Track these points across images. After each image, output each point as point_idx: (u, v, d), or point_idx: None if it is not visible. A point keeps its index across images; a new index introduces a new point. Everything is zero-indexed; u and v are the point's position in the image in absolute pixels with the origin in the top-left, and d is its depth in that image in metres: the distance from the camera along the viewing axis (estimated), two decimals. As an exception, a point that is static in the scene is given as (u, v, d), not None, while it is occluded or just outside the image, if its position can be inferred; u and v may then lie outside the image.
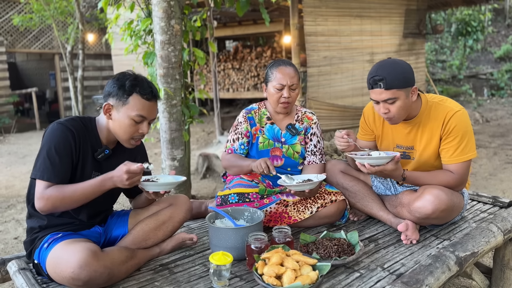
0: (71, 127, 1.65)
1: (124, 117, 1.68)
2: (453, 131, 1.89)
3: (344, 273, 1.64)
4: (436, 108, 1.95)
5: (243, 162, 2.20)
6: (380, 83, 1.82)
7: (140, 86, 1.68)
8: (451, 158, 1.92)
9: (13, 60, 14.17)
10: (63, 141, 1.62)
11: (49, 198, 1.55)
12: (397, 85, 1.81)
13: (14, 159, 6.83)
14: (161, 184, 1.69)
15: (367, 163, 1.83)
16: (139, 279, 1.66)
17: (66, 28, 10.06)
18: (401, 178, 1.90)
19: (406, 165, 2.08)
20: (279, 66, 2.21)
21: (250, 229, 1.75)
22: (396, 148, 2.10)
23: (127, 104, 1.67)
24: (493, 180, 4.49)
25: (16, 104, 11.09)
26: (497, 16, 15.62)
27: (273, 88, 2.20)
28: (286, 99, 2.19)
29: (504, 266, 2.06)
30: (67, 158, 1.62)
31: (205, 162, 5.20)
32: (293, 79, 2.19)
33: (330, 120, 5.70)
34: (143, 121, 1.71)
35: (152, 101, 1.71)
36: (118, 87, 1.67)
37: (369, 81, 1.88)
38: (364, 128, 2.22)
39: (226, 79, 9.65)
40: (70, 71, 9.04)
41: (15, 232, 3.53)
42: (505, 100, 11.19)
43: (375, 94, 1.87)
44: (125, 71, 1.75)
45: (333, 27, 5.59)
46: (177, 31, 3.17)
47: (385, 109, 1.87)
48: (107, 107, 1.69)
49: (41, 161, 1.60)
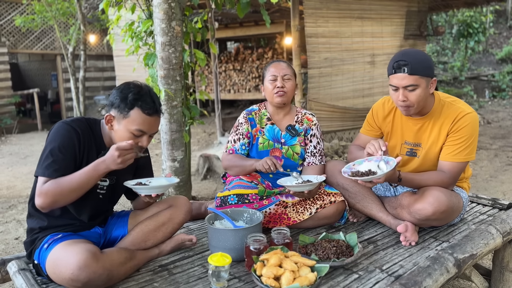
0: (77, 128, 1.66)
1: (124, 130, 1.67)
2: (461, 131, 1.91)
3: (342, 274, 1.65)
4: (449, 107, 1.97)
5: (246, 162, 2.21)
6: (404, 68, 1.83)
7: (142, 100, 1.66)
8: (450, 155, 1.93)
9: (15, 61, 14.21)
10: (68, 140, 1.63)
11: (47, 192, 1.56)
12: (421, 72, 1.83)
13: (16, 160, 6.85)
14: (152, 187, 1.71)
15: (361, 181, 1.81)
16: (138, 280, 1.66)
17: (68, 29, 10.10)
18: (397, 180, 1.90)
19: (410, 163, 2.09)
20: (272, 62, 2.35)
21: (249, 230, 1.76)
22: (403, 145, 2.11)
23: (128, 118, 1.66)
24: (493, 182, 4.48)
25: (18, 104, 11.12)
26: (498, 17, 15.61)
27: (268, 81, 2.28)
28: (280, 88, 2.24)
29: (504, 268, 2.06)
30: (70, 157, 1.63)
31: (205, 163, 5.20)
32: (286, 70, 2.29)
33: (331, 121, 5.70)
34: (143, 135, 1.70)
35: (154, 116, 1.69)
36: (120, 99, 1.66)
37: (392, 66, 1.88)
38: (371, 123, 2.24)
39: (227, 80, 9.66)
40: (72, 72, 9.06)
41: (16, 232, 3.54)
42: (507, 102, 11.17)
43: (397, 79, 1.86)
44: (130, 82, 1.73)
45: (334, 29, 5.60)
46: (178, 32, 3.18)
47: (403, 96, 1.87)
48: (109, 117, 1.69)
49: (44, 158, 1.61)
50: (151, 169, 2.00)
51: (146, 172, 1.96)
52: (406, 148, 2.11)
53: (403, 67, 1.83)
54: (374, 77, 6.10)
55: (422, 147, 2.05)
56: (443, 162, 1.96)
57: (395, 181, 1.90)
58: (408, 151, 2.09)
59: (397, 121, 2.12)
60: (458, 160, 1.92)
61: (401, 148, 2.14)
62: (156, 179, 1.85)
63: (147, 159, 1.97)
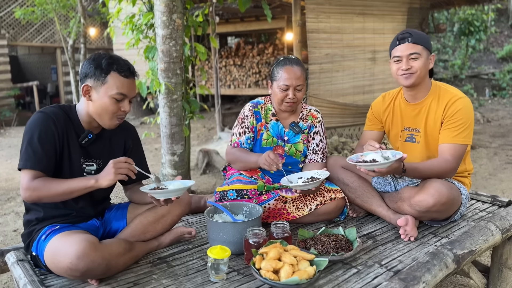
0: (52, 115, 1.64)
1: (105, 97, 1.65)
2: (456, 114, 1.97)
3: (341, 269, 1.64)
4: (443, 92, 2.05)
5: (250, 158, 2.17)
6: (408, 38, 1.99)
7: (117, 64, 1.66)
8: (448, 137, 1.97)
9: (14, 53, 14.16)
10: (45, 129, 1.61)
11: (35, 189, 1.55)
12: (423, 43, 1.99)
13: (15, 152, 6.83)
14: (172, 191, 1.65)
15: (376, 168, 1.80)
16: (137, 271, 1.66)
17: (68, 22, 10.04)
18: (401, 171, 1.89)
19: (412, 149, 2.12)
20: (286, 65, 2.14)
21: (248, 224, 1.75)
22: (403, 131, 2.17)
23: (106, 83, 1.64)
24: (493, 180, 4.48)
25: (17, 97, 11.09)
26: (500, 16, 15.57)
27: (278, 88, 2.15)
28: (291, 99, 2.15)
29: (502, 265, 2.06)
30: (49, 146, 1.61)
31: (205, 158, 5.20)
32: (299, 79, 2.13)
33: (331, 117, 5.69)
34: (124, 99, 1.68)
35: (131, 78, 1.69)
36: (95, 67, 1.64)
37: (396, 38, 2.03)
38: (372, 120, 2.30)
39: (228, 75, 9.64)
40: (72, 65, 9.03)
41: (15, 224, 3.54)
42: (507, 101, 11.17)
43: (400, 49, 2.00)
44: (99, 52, 1.73)
45: (336, 25, 5.57)
46: (179, 25, 3.17)
47: (407, 65, 1.99)
48: (86, 88, 1.66)
49: (23, 150, 1.60)
50: (141, 151, 1.95)
51: (136, 154, 1.90)
52: (406, 134, 2.16)
53: (407, 37, 1.99)
54: (374, 73, 6.08)
55: (421, 132, 2.09)
56: (442, 145, 2.00)
57: (399, 172, 1.89)
58: (408, 136, 2.14)
59: (397, 109, 2.18)
60: (457, 142, 1.96)
61: (400, 135, 2.18)
62: (171, 183, 1.77)
63: (136, 141, 1.93)
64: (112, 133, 1.81)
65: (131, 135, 1.91)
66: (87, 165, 1.74)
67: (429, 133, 2.06)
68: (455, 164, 1.97)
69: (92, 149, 1.76)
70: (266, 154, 2.02)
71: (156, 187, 1.69)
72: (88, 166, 1.75)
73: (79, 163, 1.71)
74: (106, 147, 1.81)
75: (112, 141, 1.83)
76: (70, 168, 1.69)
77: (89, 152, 1.75)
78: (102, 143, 1.79)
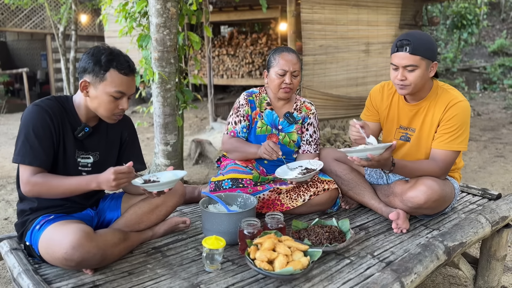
0: (48, 108, 1.62)
1: (103, 94, 1.63)
2: (452, 119, 1.92)
3: (334, 259, 1.67)
4: (443, 94, 1.98)
5: (248, 148, 2.20)
6: (406, 47, 1.85)
7: (117, 60, 1.62)
8: (442, 143, 1.94)
9: (3, 39, 13.90)
10: (41, 122, 1.59)
11: (35, 184, 1.55)
12: (422, 53, 1.85)
13: (4, 140, 6.75)
14: (164, 183, 1.64)
15: (356, 156, 1.78)
16: (131, 261, 1.67)
17: (59, 8, 9.87)
18: (390, 165, 1.87)
19: (402, 147, 2.10)
20: (282, 52, 2.22)
21: (243, 214, 1.76)
22: (398, 130, 2.13)
23: (105, 81, 1.61)
24: (482, 173, 4.55)
25: (7, 84, 10.92)
26: (492, 10, 15.65)
27: (275, 73, 2.20)
28: (288, 85, 2.20)
29: (491, 256, 2.10)
30: (46, 140, 1.60)
31: (197, 148, 5.19)
32: (295, 65, 2.20)
33: (324, 109, 5.70)
34: (123, 97, 1.66)
35: (130, 75, 1.66)
36: (94, 63, 1.61)
37: (395, 44, 1.90)
38: (370, 109, 2.24)
39: (221, 65, 9.57)
40: (62, 52, 8.89)
41: (5, 213, 3.51)
42: (497, 94, 11.28)
43: (397, 58, 1.89)
44: (99, 45, 1.68)
45: (330, 16, 5.55)
46: (173, 14, 3.13)
47: (402, 76, 1.89)
48: (84, 84, 1.64)
49: (20, 145, 1.58)
50: (137, 144, 1.94)
51: (132, 147, 1.90)
52: (400, 133, 2.12)
53: (405, 46, 1.85)
54: (368, 66, 6.09)
55: (416, 132, 2.06)
56: (435, 150, 1.97)
57: (389, 166, 1.87)
58: (403, 135, 2.11)
59: (394, 107, 2.14)
60: (450, 149, 1.93)
61: (395, 133, 2.15)
62: (162, 174, 1.76)
63: (132, 133, 1.91)
64: (109, 124, 1.79)
65: (128, 127, 1.89)
66: (82, 158, 1.73)
67: (424, 134, 2.03)
68: (444, 171, 1.96)
69: (88, 142, 1.74)
70: (266, 144, 2.06)
71: (148, 180, 1.68)
72: (83, 159, 1.74)
73: (74, 156, 1.70)
74: (103, 139, 1.79)
75: (109, 133, 1.82)
76: (64, 161, 1.68)
77: (85, 145, 1.74)
78: (99, 135, 1.78)
